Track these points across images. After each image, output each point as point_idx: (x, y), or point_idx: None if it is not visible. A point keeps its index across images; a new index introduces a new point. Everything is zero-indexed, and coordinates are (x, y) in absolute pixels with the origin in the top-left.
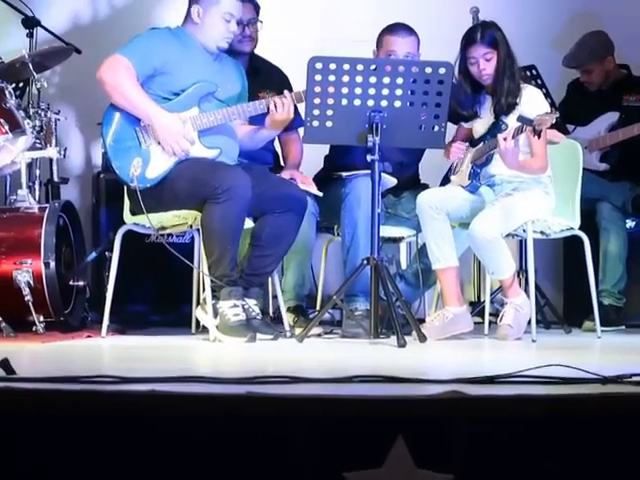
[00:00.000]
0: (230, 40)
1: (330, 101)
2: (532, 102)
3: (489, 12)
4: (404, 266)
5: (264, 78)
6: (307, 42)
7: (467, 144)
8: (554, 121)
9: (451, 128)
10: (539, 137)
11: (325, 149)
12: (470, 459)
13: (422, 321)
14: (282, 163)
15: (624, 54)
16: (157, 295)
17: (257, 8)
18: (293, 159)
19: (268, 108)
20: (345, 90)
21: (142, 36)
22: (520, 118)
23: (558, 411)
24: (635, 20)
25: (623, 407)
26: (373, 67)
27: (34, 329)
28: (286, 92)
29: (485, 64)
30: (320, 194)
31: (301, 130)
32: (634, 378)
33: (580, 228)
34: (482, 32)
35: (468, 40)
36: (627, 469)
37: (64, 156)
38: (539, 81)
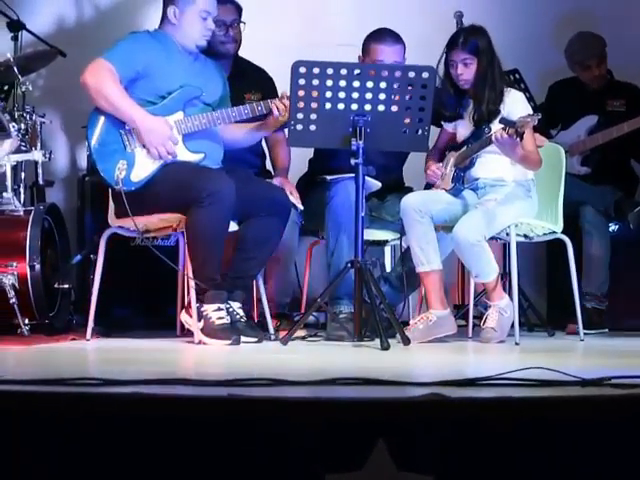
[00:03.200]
0: (208, 37)
1: (314, 105)
2: (515, 105)
3: (473, 16)
4: (388, 269)
5: (249, 80)
6: (290, 44)
7: (446, 163)
8: (536, 123)
9: (434, 132)
10: (521, 139)
11: (309, 153)
12: (450, 461)
13: (406, 324)
14: (269, 165)
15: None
16: (142, 298)
17: (239, 9)
18: (282, 164)
19: (253, 112)
20: (329, 94)
21: (124, 40)
22: (502, 120)
23: (537, 413)
24: (618, 25)
25: (601, 409)
26: (357, 71)
27: (19, 332)
28: (284, 93)
29: (463, 69)
30: (302, 207)
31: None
32: (613, 381)
33: (563, 232)
34: (465, 37)
35: (451, 43)
36: (604, 470)
37: (49, 159)
38: (522, 85)
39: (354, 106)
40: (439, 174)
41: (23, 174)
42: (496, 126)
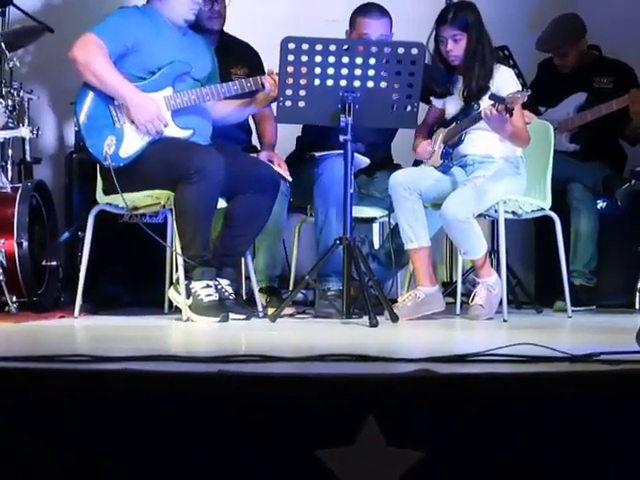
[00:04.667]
0: (196, 11)
1: (303, 81)
2: (504, 82)
3: None
4: (377, 246)
5: (235, 54)
6: (278, 19)
7: (434, 140)
8: (526, 99)
9: (423, 108)
10: (511, 115)
11: (296, 130)
12: (440, 437)
13: (394, 301)
14: (255, 141)
15: (596, 35)
16: (130, 275)
17: None
18: (269, 139)
19: (242, 89)
20: (318, 70)
21: (113, 15)
22: (492, 96)
23: (527, 389)
24: (608, 2)
25: (590, 385)
26: (346, 47)
27: (7, 309)
28: (273, 69)
29: (452, 45)
30: (290, 179)
31: (274, 107)
32: (602, 357)
33: (551, 208)
34: (455, 13)
35: (440, 19)
36: (593, 446)
37: (37, 136)
38: (511, 62)
39: (343, 82)
40: (429, 150)
41: (10, 151)
42: (485, 102)
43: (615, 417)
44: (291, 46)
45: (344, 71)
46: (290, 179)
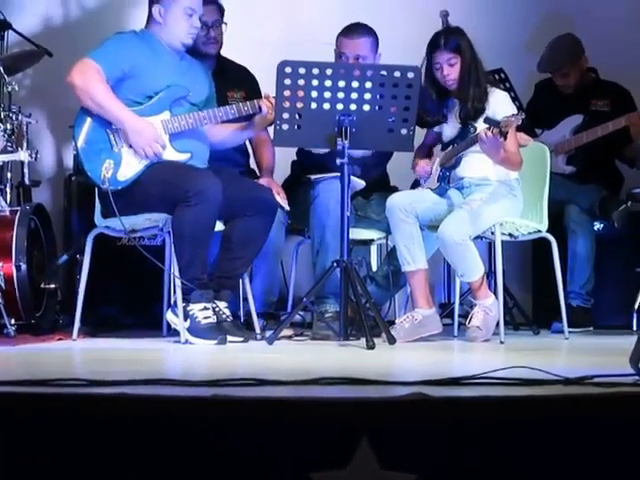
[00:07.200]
0: (194, 36)
1: (299, 105)
2: (499, 105)
3: (459, 16)
4: (374, 268)
5: (231, 78)
6: (273, 42)
7: (432, 162)
8: (520, 122)
9: (420, 131)
10: (505, 139)
11: (291, 155)
12: (433, 460)
13: (392, 323)
14: (253, 164)
15: (592, 58)
16: (128, 298)
17: (221, 10)
18: (267, 164)
19: (240, 112)
20: (314, 94)
21: (110, 40)
22: (487, 120)
23: (519, 412)
24: (603, 24)
25: (583, 408)
26: (342, 71)
27: (5, 332)
28: (267, 94)
29: (449, 69)
30: (288, 208)
31: (270, 131)
32: (596, 379)
33: (548, 230)
34: (446, 38)
35: (432, 46)
36: (587, 469)
37: (35, 159)
38: (507, 84)
39: (340, 106)
40: (428, 170)
41: (9, 174)
42: (481, 125)
43: (608, 440)
44: (288, 70)
45: (340, 95)
46: (288, 208)
